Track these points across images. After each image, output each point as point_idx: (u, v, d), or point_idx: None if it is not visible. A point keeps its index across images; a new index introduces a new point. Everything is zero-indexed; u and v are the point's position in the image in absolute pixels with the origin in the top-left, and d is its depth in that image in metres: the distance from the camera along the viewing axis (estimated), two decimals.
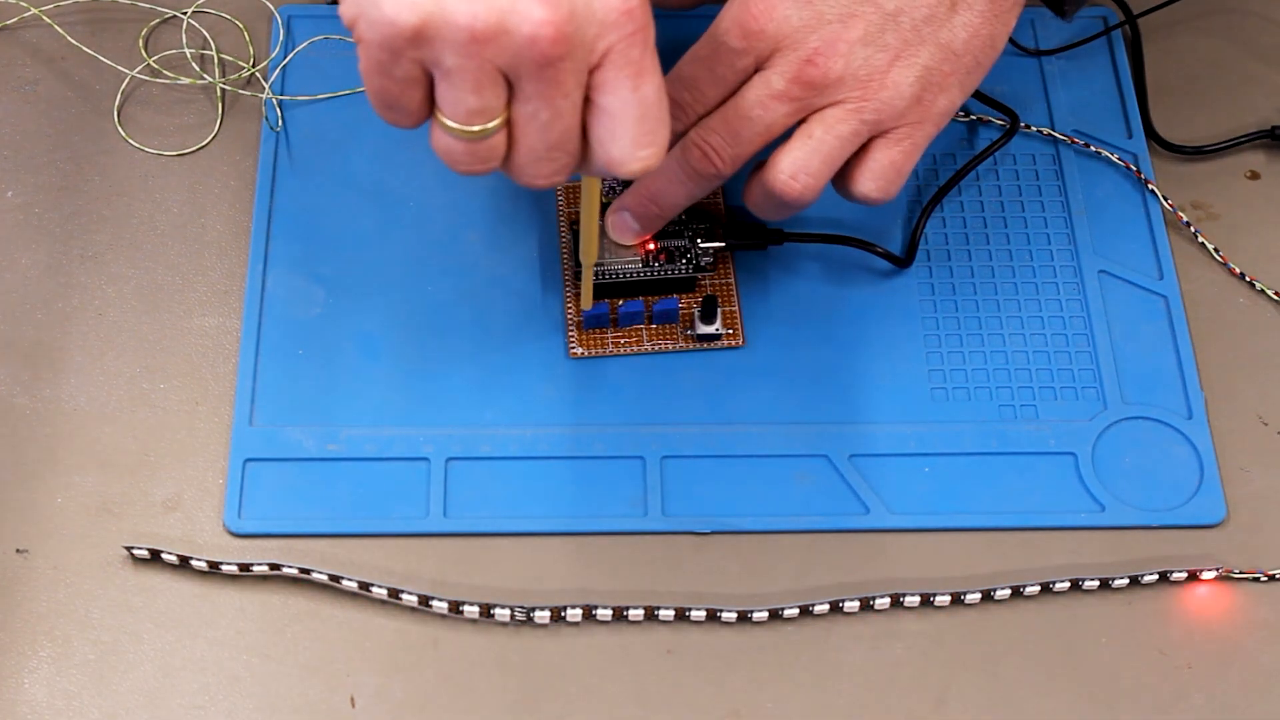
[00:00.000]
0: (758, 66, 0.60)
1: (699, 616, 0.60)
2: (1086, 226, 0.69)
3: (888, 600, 0.61)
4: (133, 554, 0.61)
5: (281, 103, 0.71)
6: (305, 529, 0.62)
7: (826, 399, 0.65)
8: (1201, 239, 0.69)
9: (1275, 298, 0.68)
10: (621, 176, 0.54)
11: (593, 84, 0.53)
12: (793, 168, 0.60)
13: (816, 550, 0.62)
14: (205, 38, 0.73)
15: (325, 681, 0.59)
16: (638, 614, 0.60)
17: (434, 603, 0.60)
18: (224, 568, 0.61)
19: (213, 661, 0.59)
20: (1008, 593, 0.61)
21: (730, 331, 0.66)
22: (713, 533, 0.62)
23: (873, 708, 0.59)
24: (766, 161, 0.61)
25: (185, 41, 0.72)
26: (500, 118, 0.53)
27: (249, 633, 0.60)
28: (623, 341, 0.66)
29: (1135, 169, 0.70)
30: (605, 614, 0.60)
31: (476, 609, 0.60)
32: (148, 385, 0.65)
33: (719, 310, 0.65)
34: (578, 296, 0.66)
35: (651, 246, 0.66)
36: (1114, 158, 0.71)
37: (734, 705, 0.59)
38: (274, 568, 0.60)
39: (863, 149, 0.61)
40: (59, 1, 0.73)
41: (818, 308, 0.67)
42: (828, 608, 0.61)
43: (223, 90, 0.71)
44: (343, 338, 0.66)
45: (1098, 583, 0.61)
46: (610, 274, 0.66)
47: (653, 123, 0.53)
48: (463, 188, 0.69)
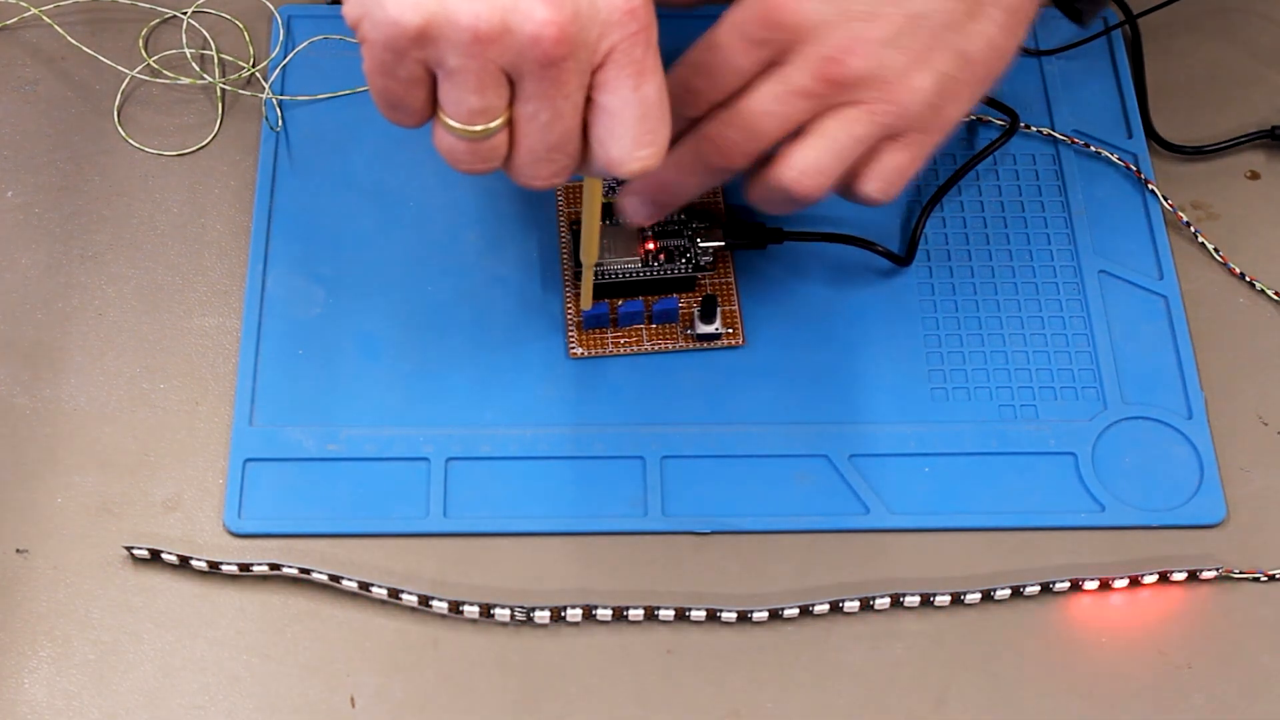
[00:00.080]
0: (775, 59, 0.59)
1: (699, 616, 0.60)
2: (1086, 226, 0.69)
3: (888, 600, 0.61)
4: (133, 554, 0.61)
5: (281, 103, 0.71)
6: (305, 529, 0.62)
7: (826, 399, 0.65)
8: (1201, 239, 0.69)
9: (1275, 298, 0.68)
10: (621, 176, 0.54)
11: (594, 83, 0.53)
12: (805, 165, 0.59)
13: (816, 550, 0.62)
14: (205, 38, 0.73)
15: (325, 681, 0.59)
16: (638, 614, 0.60)
17: (434, 603, 0.60)
18: (224, 568, 0.61)
19: (213, 661, 0.59)
20: (1008, 593, 0.61)
21: (730, 331, 0.66)
22: (713, 533, 0.62)
23: (873, 708, 0.59)
24: (775, 157, 0.60)
25: (185, 41, 0.72)
26: (502, 117, 0.53)
27: (249, 633, 0.60)
28: (623, 341, 0.66)
29: (1135, 169, 0.70)
30: (605, 614, 0.60)
31: (476, 609, 0.60)
32: (148, 385, 0.65)
33: (719, 310, 0.65)
34: (578, 296, 0.66)
35: (651, 246, 0.66)
36: (1114, 158, 0.71)
37: (734, 705, 0.59)
38: (274, 568, 0.60)
39: (870, 149, 0.60)
40: (59, 1, 0.73)
41: (818, 307, 0.67)
42: (828, 608, 0.61)
43: (223, 90, 0.71)
44: (343, 338, 0.66)
45: (1098, 583, 0.61)
46: (610, 274, 0.66)
47: (653, 122, 0.53)
48: (462, 187, 0.69)
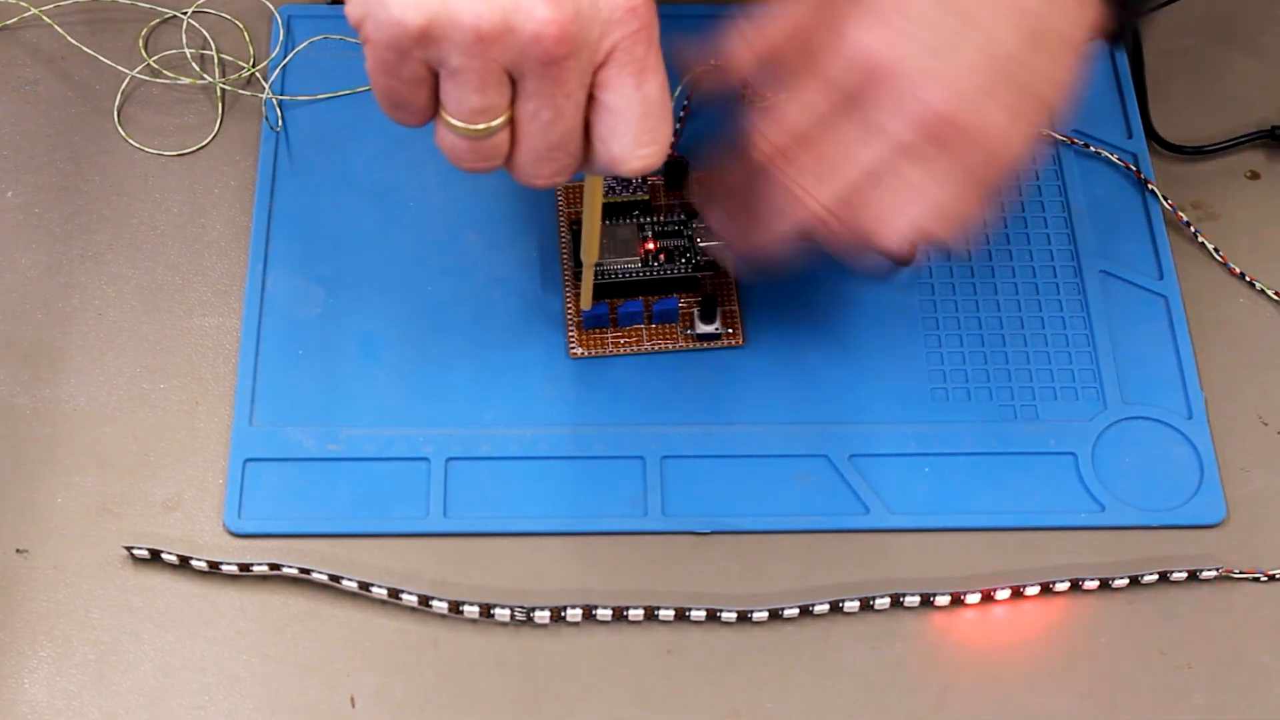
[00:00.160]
0: (852, 103, 0.54)
1: (699, 616, 0.60)
2: (1086, 226, 0.69)
3: (888, 600, 0.61)
4: (133, 554, 0.61)
5: (281, 103, 0.71)
6: (305, 529, 0.62)
7: (826, 399, 0.65)
8: (1201, 239, 0.69)
9: (1275, 298, 0.68)
10: (622, 174, 0.54)
11: (596, 81, 0.52)
12: (912, 231, 0.55)
13: (816, 550, 0.62)
14: (205, 38, 0.73)
15: (325, 681, 0.59)
16: (638, 614, 0.60)
17: (434, 603, 0.60)
18: (224, 568, 0.61)
19: (213, 661, 0.59)
20: (1008, 593, 0.61)
21: (730, 331, 0.66)
22: (713, 533, 0.62)
23: (873, 708, 0.59)
24: (867, 223, 0.55)
25: (185, 41, 0.72)
26: (504, 116, 0.53)
27: (249, 633, 0.60)
28: (623, 341, 0.66)
29: (1135, 169, 0.70)
30: (605, 614, 0.60)
31: (476, 609, 0.60)
32: (148, 385, 0.65)
33: (719, 310, 0.65)
34: (578, 296, 0.66)
35: (651, 246, 0.66)
36: (1114, 158, 0.71)
37: (734, 705, 0.59)
38: (274, 568, 0.60)
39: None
40: (59, 1, 0.73)
41: (818, 308, 0.67)
42: (828, 608, 0.61)
43: (223, 90, 0.71)
44: (343, 338, 0.66)
45: (1098, 583, 0.61)
46: (610, 274, 0.66)
47: (655, 120, 0.53)
48: (463, 187, 0.69)
